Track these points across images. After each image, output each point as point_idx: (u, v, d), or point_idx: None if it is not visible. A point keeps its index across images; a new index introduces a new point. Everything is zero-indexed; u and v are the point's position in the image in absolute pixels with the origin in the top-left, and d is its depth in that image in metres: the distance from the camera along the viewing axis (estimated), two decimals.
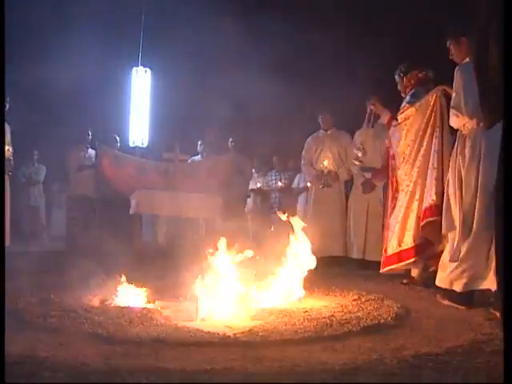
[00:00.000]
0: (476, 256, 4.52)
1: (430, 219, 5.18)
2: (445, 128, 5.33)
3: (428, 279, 5.51)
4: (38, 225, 11.00)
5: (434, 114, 5.45)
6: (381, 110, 6.16)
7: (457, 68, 4.76)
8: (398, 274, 6.19)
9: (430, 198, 5.25)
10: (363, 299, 4.84)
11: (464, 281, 4.61)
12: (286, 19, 8.31)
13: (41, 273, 6.21)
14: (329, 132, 7.91)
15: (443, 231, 4.89)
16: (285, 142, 8.95)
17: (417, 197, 5.51)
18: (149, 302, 4.68)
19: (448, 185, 4.86)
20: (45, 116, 10.02)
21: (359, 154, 7.18)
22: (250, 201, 9.44)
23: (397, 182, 5.75)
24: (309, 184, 8.17)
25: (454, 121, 4.75)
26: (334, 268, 6.82)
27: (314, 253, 5.06)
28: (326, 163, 7.64)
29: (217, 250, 4.52)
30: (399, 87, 6.05)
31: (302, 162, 8.07)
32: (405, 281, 5.94)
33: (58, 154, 9.79)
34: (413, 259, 5.54)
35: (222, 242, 4.55)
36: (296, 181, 9.48)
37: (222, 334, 3.64)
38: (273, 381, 2.76)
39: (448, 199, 4.81)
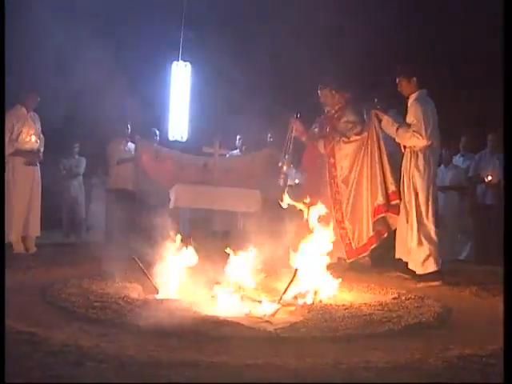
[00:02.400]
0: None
1: (379, 216, 6.45)
2: (381, 144, 6.51)
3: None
4: (77, 217, 11.12)
5: (370, 133, 6.59)
6: (301, 130, 6.97)
7: (415, 98, 6.08)
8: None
9: (378, 199, 6.45)
10: (403, 298, 4.79)
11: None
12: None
13: (81, 264, 6.29)
14: None
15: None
16: None
17: (369, 199, 6.56)
18: (188, 294, 4.70)
19: (403, 189, 6.12)
20: (85, 109, 10.12)
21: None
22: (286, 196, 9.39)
23: (337, 186, 6.73)
24: None
25: (415, 141, 5.97)
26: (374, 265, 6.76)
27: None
28: None
29: None
30: (325, 100, 6.91)
31: None
32: None
33: (98, 147, 9.87)
34: (375, 244, 6.56)
35: None
36: None
37: (263, 329, 3.64)
38: (318, 378, 2.74)
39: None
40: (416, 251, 5.97)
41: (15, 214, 7.08)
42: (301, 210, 5.12)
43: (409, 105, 6.17)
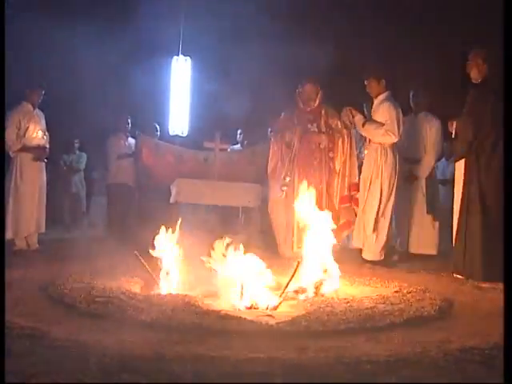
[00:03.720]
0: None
1: (343, 205, 6.92)
2: (352, 140, 6.97)
3: None
4: (78, 212, 11.13)
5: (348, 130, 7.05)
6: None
7: (384, 98, 6.61)
8: (439, 268, 6.14)
9: (344, 190, 6.93)
10: (405, 291, 4.77)
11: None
12: None
13: (82, 259, 6.28)
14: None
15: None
16: None
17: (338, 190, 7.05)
18: (190, 289, 4.69)
19: (370, 181, 6.56)
20: (85, 104, 10.10)
21: None
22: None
23: (332, 179, 7.03)
24: None
25: (388, 139, 6.51)
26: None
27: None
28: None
29: None
30: (310, 95, 7.01)
31: None
32: None
33: (98, 142, 9.86)
34: (346, 233, 7.05)
35: None
36: None
37: (265, 323, 3.64)
38: (320, 371, 2.74)
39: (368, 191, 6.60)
40: (372, 239, 6.52)
41: (24, 211, 7.09)
42: None
43: (376, 104, 6.68)
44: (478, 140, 5.55)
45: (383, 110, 6.56)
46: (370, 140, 6.70)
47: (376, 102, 6.71)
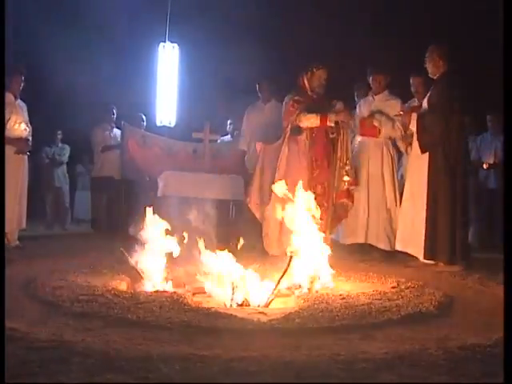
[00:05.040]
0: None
1: (341, 201, 6.68)
2: (346, 134, 6.67)
3: None
4: (61, 207, 10.93)
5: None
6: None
7: (388, 94, 6.94)
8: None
9: (340, 184, 6.66)
10: (402, 286, 4.70)
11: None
12: None
13: (66, 256, 6.17)
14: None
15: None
16: None
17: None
18: (178, 286, 4.61)
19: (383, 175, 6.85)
20: (69, 94, 9.94)
21: None
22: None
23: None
24: None
25: (397, 133, 6.77)
26: (372, 254, 6.70)
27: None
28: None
29: None
30: (322, 82, 6.61)
31: None
32: None
33: (82, 134, 9.69)
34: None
35: None
36: None
37: (256, 321, 3.55)
38: (314, 369, 2.64)
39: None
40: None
41: (6, 205, 6.90)
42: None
43: (382, 100, 6.93)
44: (445, 134, 5.85)
45: (395, 106, 6.81)
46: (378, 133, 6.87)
47: (381, 96, 6.95)
